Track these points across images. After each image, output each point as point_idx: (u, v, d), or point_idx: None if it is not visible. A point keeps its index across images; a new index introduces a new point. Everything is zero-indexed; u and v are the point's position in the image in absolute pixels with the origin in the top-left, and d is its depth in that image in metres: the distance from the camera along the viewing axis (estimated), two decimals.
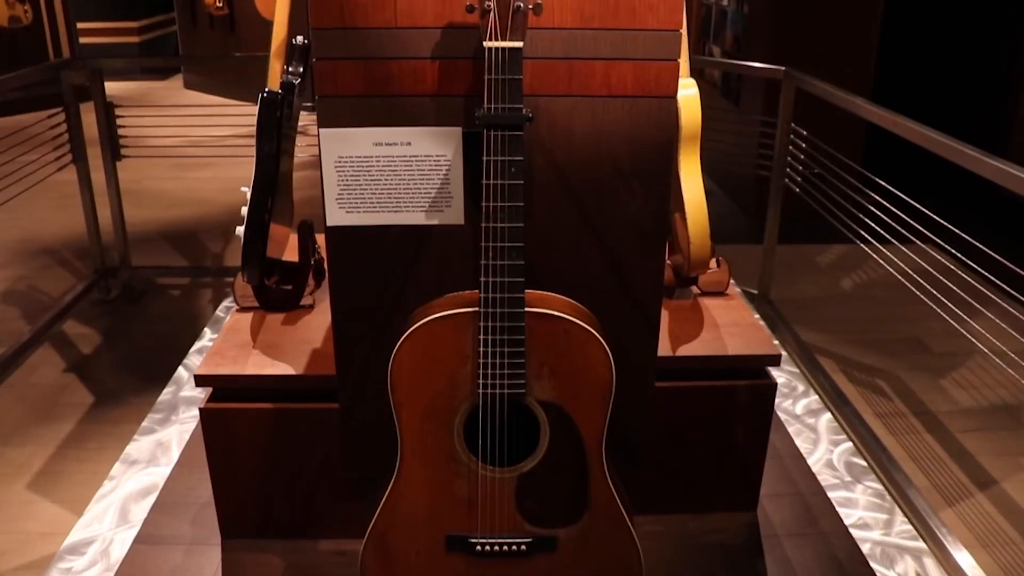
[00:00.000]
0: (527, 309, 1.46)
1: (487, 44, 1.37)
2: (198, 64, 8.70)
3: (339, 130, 1.56)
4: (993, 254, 2.25)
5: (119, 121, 3.78)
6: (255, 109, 1.95)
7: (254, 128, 1.95)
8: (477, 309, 1.45)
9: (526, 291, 1.46)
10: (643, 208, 1.68)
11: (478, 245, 1.44)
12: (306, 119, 2.66)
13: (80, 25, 8.38)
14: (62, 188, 3.81)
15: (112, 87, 3.91)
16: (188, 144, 3.95)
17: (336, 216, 1.60)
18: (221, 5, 7.74)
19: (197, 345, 3.13)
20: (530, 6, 1.38)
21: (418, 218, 1.61)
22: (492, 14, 1.37)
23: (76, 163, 3.75)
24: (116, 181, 3.85)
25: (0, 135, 3.33)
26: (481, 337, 1.46)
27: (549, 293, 1.56)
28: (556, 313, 1.48)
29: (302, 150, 3.31)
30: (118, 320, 3.69)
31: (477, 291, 1.46)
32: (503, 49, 1.37)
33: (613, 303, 1.73)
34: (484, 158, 1.40)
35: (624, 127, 1.62)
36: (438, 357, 1.50)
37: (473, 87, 1.56)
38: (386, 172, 1.58)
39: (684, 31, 1.68)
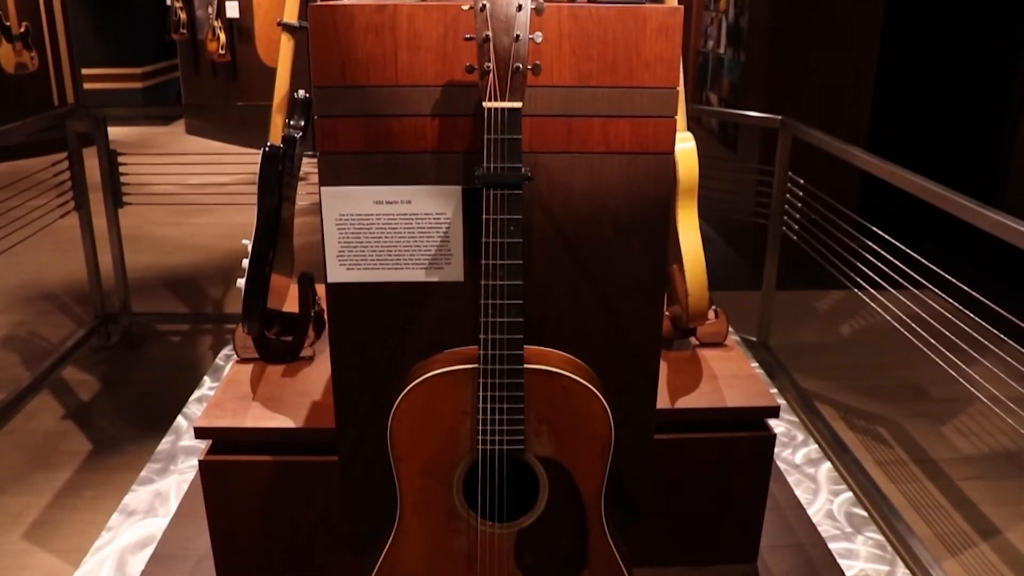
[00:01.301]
0: (526, 366, 1.46)
1: (487, 104, 1.40)
2: (200, 110, 8.78)
3: (340, 188, 1.58)
4: (989, 303, 2.26)
5: (121, 168, 3.81)
6: (256, 154, 1.97)
7: (255, 174, 1.97)
8: (476, 366, 1.46)
9: (525, 347, 1.47)
10: (641, 262, 1.69)
11: (478, 301, 1.45)
12: (308, 165, 2.69)
13: (84, 71, 8.47)
14: (64, 232, 3.83)
15: (115, 132, 3.95)
16: (190, 192, 3.97)
17: (337, 273, 1.62)
18: (223, 52, 7.83)
19: (196, 394, 3.13)
20: (529, 67, 1.41)
21: (418, 275, 1.62)
22: (491, 75, 1.39)
23: (78, 210, 3.78)
24: (118, 228, 3.88)
25: (4, 180, 3.36)
26: (480, 393, 1.46)
27: (548, 349, 1.57)
28: (555, 369, 1.49)
29: (303, 196, 3.33)
30: (118, 367, 3.69)
31: (476, 347, 1.47)
32: (502, 109, 1.39)
33: (612, 356, 1.74)
34: (484, 216, 1.41)
35: (622, 183, 1.63)
36: (438, 413, 1.51)
37: (473, 144, 1.58)
38: (387, 230, 1.59)
39: (681, 84, 1.70)
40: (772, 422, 2.13)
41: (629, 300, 1.72)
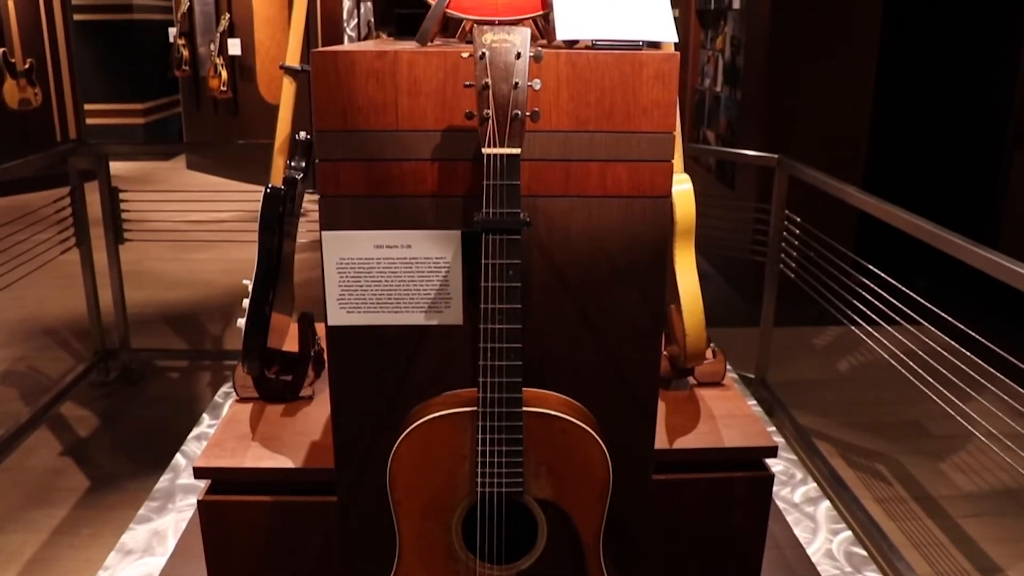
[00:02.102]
0: (525, 409, 1.47)
1: (486, 151, 1.42)
2: (201, 146, 8.85)
3: (341, 232, 1.60)
4: (984, 341, 2.28)
5: (122, 204, 3.84)
6: (257, 190, 1.99)
7: (255, 211, 1.99)
8: (475, 409, 1.47)
9: (524, 389, 1.48)
10: (639, 304, 1.70)
11: (477, 343, 1.46)
12: (309, 201, 2.71)
13: (87, 106, 8.54)
14: (65, 267, 3.85)
15: (116, 167, 3.98)
16: (190, 228, 3.99)
17: (337, 316, 1.63)
18: (225, 89, 7.90)
19: (195, 431, 3.13)
20: (527, 113, 1.43)
21: (418, 318, 1.64)
22: (491, 121, 1.42)
23: (79, 246, 3.80)
24: (118, 264, 3.89)
25: (7, 214, 3.38)
26: (479, 436, 1.47)
27: (546, 391, 1.57)
28: (553, 412, 1.50)
29: (304, 234, 3.35)
30: (116, 403, 3.69)
31: (475, 389, 1.48)
32: (501, 156, 1.41)
33: (610, 397, 1.75)
34: (483, 261, 1.43)
35: (619, 226, 1.65)
36: (437, 456, 1.51)
37: (472, 188, 1.60)
38: (387, 273, 1.61)
39: (677, 126, 1.73)
40: (770, 460, 2.13)
41: (627, 342, 1.73)
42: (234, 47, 7.81)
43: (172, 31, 8.64)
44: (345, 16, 7.38)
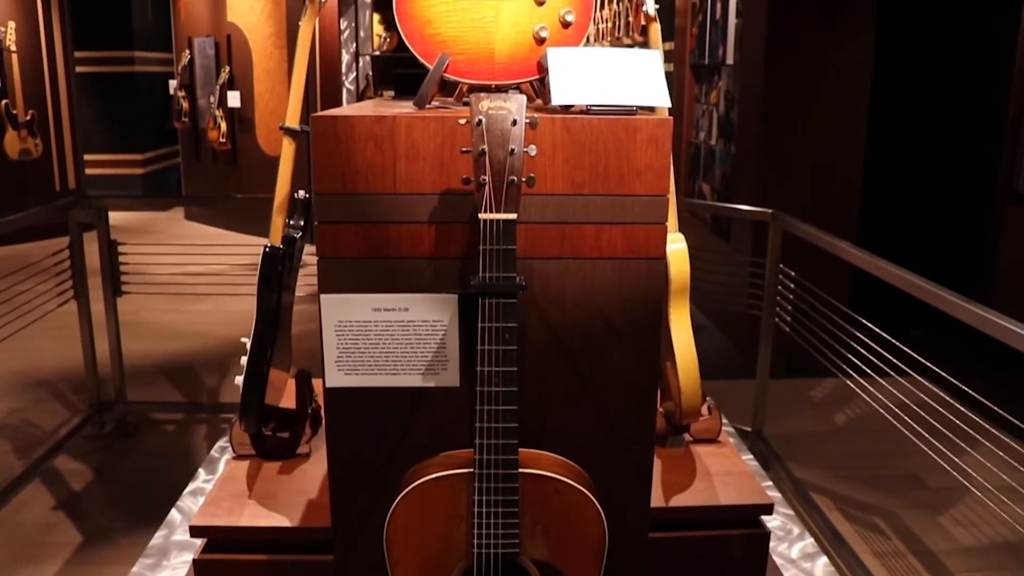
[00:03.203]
0: (521, 470, 1.48)
1: (482, 216, 1.44)
2: (199, 195, 8.90)
3: (339, 296, 1.62)
4: (977, 396, 2.29)
5: (121, 257, 3.86)
6: (254, 241, 2.01)
7: (254, 263, 2.01)
8: (471, 470, 1.48)
9: (519, 450, 1.49)
10: (634, 364, 1.72)
11: (473, 404, 1.48)
12: (308, 253, 2.72)
13: (87, 156, 8.62)
14: (61, 318, 3.86)
15: (115, 216, 4.00)
16: (188, 280, 4.01)
17: (335, 378, 1.64)
18: (224, 141, 7.98)
19: (191, 486, 3.10)
20: (523, 179, 1.46)
21: (415, 380, 1.65)
22: (487, 187, 1.44)
23: (77, 299, 3.81)
24: (115, 316, 3.90)
25: (5, 264, 3.40)
26: (475, 498, 1.48)
27: (542, 452, 1.58)
28: (549, 474, 1.51)
29: (302, 287, 3.37)
30: (111, 456, 3.68)
31: (472, 451, 1.49)
32: (497, 221, 1.44)
33: (606, 457, 1.75)
34: (479, 324, 1.45)
35: (614, 287, 1.67)
36: (433, 517, 1.52)
37: (469, 250, 1.62)
38: (384, 336, 1.63)
39: (672, 185, 1.75)
40: (767, 516, 2.13)
41: (622, 401, 1.74)
42: (233, 99, 7.91)
43: (172, 83, 8.75)
44: (344, 70, 7.48)
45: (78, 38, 8.51)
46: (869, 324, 2.82)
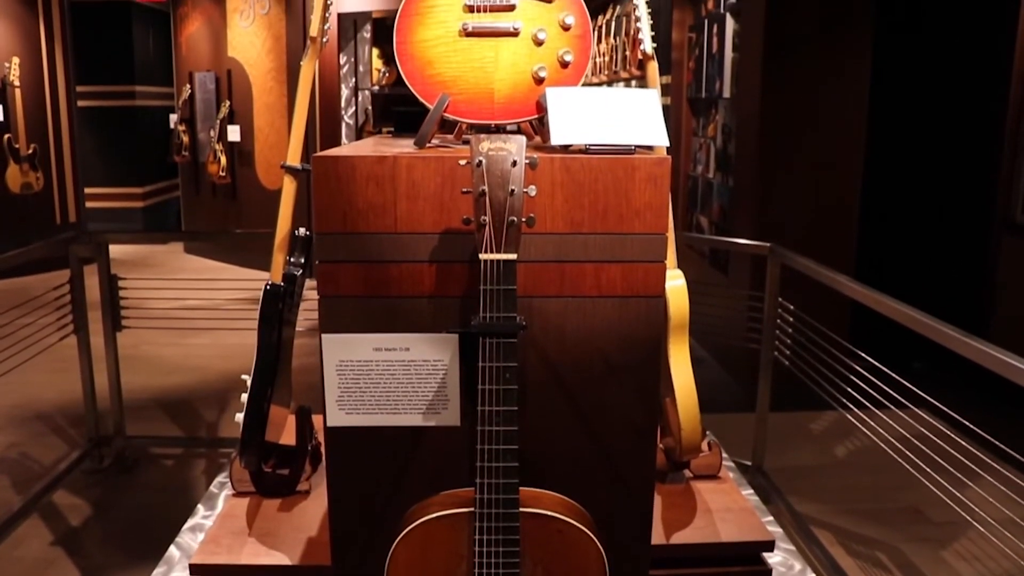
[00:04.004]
0: (521, 509, 1.48)
1: (483, 256, 1.45)
2: (198, 228, 8.93)
3: (340, 336, 1.62)
4: (976, 429, 2.28)
5: (121, 291, 3.86)
6: (253, 275, 2.02)
7: (253, 294, 2.02)
8: (472, 509, 1.48)
9: (520, 489, 1.49)
10: (634, 401, 1.72)
11: (474, 444, 1.48)
12: (309, 287, 2.73)
13: (87, 190, 8.66)
14: (60, 352, 3.86)
15: (115, 249, 4.01)
16: (188, 314, 4.02)
17: (336, 417, 1.65)
18: (224, 174, 8.02)
19: (190, 522, 3.08)
20: (523, 219, 1.47)
21: (416, 420, 1.66)
22: (487, 227, 1.45)
23: (77, 333, 3.81)
24: (115, 351, 3.90)
25: (5, 298, 3.40)
26: (476, 537, 1.47)
27: (543, 491, 1.58)
28: (549, 513, 1.51)
29: (302, 322, 3.37)
30: (109, 491, 3.66)
31: (472, 489, 1.49)
32: (498, 261, 1.45)
33: (606, 493, 1.75)
34: (480, 364, 1.45)
35: (614, 325, 1.68)
36: (434, 556, 1.51)
37: (469, 288, 1.63)
38: (385, 376, 1.63)
39: (670, 222, 1.77)
40: (768, 552, 2.12)
41: (622, 438, 1.74)
42: (233, 133, 7.96)
43: (173, 117, 8.81)
44: (343, 104, 7.54)
45: (80, 73, 8.59)
46: (869, 358, 2.82)
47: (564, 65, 1.81)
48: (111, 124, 9.88)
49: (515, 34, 1.80)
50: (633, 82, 6.17)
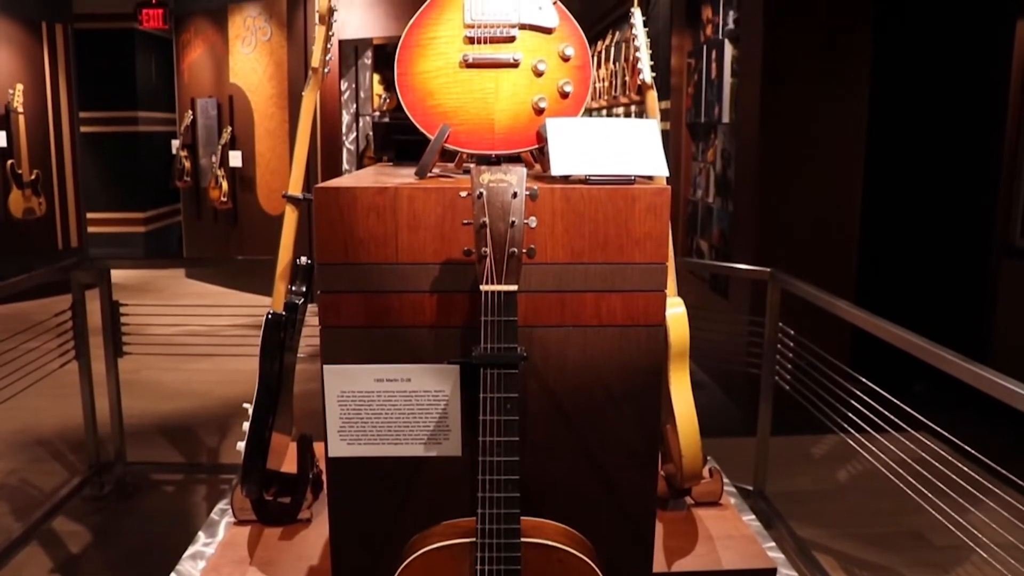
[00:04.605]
0: (523, 539, 1.48)
1: (484, 288, 1.46)
2: (199, 253, 8.95)
3: (342, 367, 1.63)
4: (976, 453, 2.28)
5: (122, 318, 3.87)
6: (254, 301, 2.02)
7: (253, 319, 2.02)
8: (474, 539, 1.48)
9: (521, 518, 1.49)
10: (634, 430, 1.73)
11: (475, 474, 1.48)
12: (311, 312, 2.73)
13: (89, 215, 8.69)
14: (61, 377, 3.86)
15: (116, 274, 4.02)
16: (189, 340, 4.02)
17: (337, 448, 1.65)
18: (225, 200, 8.05)
19: (191, 550, 3.07)
20: (524, 250, 1.48)
21: (417, 450, 1.66)
22: (488, 259, 1.47)
23: (79, 359, 3.82)
24: (116, 377, 3.91)
25: (6, 322, 3.40)
26: (478, 567, 1.47)
27: (544, 520, 1.58)
28: (551, 543, 1.51)
29: (303, 348, 3.38)
30: (110, 518, 3.65)
31: (473, 519, 1.49)
32: (498, 293, 1.46)
33: (607, 521, 1.76)
34: (481, 395, 1.46)
35: (615, 354, 1.69)
36: None
37: (470, 318, 1.64)
38: (387, 406, 1.64)
39: (670, 251, 1.77)
40: None
41: (622, 466, 1.75)
42: (235, 159, 8.00)
43: (175, 143, 8.86)
44: (344, 130, 7.58)
45: (83, 98, 8.65)
46: (869, 383, 2.83)
47: (564, 96, 1.83)
48: (114, 149, 9.94)
49: (515, 65, 1.82)
50: (633, 107, 6.21)
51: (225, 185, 8.02)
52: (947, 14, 5.05)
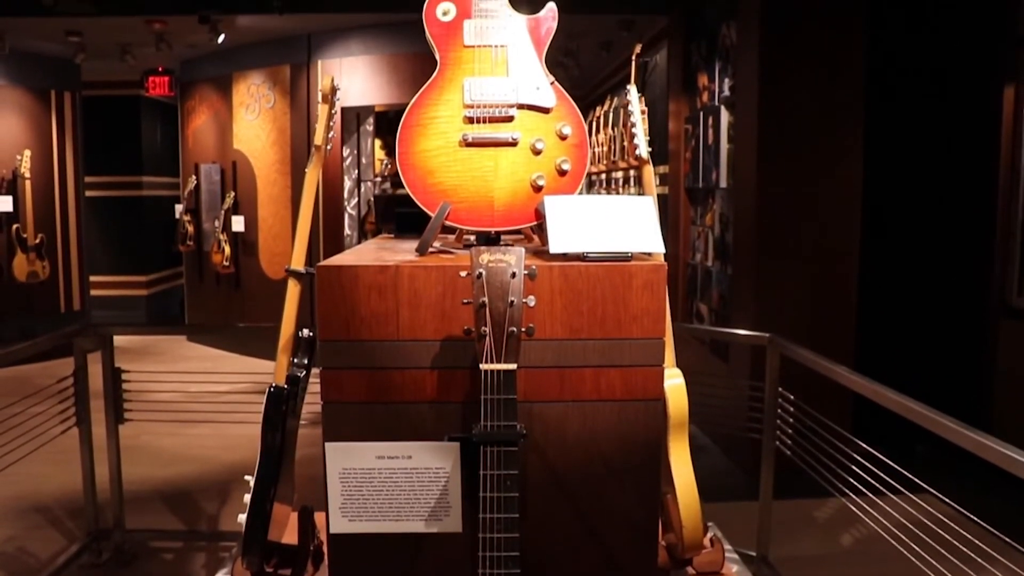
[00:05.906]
0: None
1: (483, 367, 1.49)
2: (201, 317, 8.98)
3: (344, 444, 1.65)
4: (977, 520, 2.28)
5: (124, 384, 3.88)
6: (255, 366, 2.04)
7: (253, 388, 2.03)
8: None
9: None
10: (634, 503, 1.74)
11: (476, 550, 1.49)
12: (313, 377, 2.75)
13: (92, 278, 8.75)
14: (61, 442, 3.85)
15: (118, 338, 4.04)
16: (190, 405, 4.02)
17: (339, 524, 1.66)
18: (228, 264, 8.12)
19: None
20: (523, 329, 1.51)
21: (418, 526, 1.67)
22: (488, 338, 1.49)
23: (79, 426, 3.82)
24: (117, 444, 3.90)
25: (7, 386, 3.41)
26: None
27: None
28: None
29: (305, 415, 3.38)
30: None
31: None
32: (498, 371, 1.48)
33: None
34: (481, 471, 1.48)
35: (614, 428, 1.71)
36: None
37: (470, 394, 1.66)
38: (388, 483, 1.66)
39: (668, 323, 1.80)
40: None
41: (623, 540, 1.75)
42: (238, 224, 8.08)
43: (179, 207, 8.95)
44: (346, 195, 7.67)
45: (89, 163, 8.77)
46: (869, 448, 2.83)
47: (562, 173, 1.87)
48: (118, 213, 10.05)
49: (514, 144, 1.86)
50: (632, 171, 6.28)
51: (228, 249, 8.09)
52: (938, 81, 5.15)
